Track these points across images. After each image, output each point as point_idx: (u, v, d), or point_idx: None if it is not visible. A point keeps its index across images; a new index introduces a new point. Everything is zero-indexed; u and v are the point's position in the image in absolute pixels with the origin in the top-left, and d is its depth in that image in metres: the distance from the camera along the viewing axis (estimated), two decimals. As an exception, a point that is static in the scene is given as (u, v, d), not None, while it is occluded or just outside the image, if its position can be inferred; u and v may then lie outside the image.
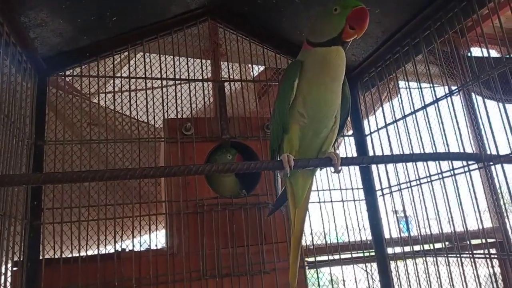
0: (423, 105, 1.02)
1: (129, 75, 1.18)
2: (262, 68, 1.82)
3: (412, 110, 1.06)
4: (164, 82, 1.21)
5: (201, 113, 1.41)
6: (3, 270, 0.83)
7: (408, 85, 1.13)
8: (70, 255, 1.02)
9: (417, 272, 1.14)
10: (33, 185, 0.92)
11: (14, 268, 0.95)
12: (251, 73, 1.84)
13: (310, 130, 0.80)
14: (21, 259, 0.96)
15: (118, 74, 1.40)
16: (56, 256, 1.00)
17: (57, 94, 1.16)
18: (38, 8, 0.91)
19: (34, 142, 1.02)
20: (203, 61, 1.54)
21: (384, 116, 1.18)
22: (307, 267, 1.20)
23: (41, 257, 1.00)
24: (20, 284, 0.94)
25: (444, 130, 0.95)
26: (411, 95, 1.08)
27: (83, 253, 1.01)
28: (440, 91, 1.08)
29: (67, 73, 1.14)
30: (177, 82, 1.24)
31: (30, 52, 1.00)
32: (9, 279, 0.91)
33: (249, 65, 1.72)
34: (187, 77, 1.24)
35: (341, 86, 0.79)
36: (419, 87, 1.07)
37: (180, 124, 1.18)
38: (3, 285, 0.84)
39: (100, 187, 1.17)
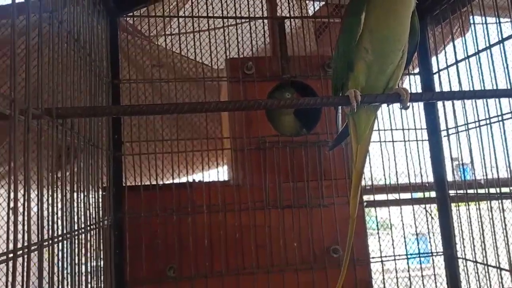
0: (500, 39, 0.95)
1: (192, 14, 1.20)
2: (319, 5, 1.75)
3: (487, 45, 0.99)
4: (225, 22, 1.23)
5: (262, 53, 1.41)
6: (94, 195, 0.96)
7: (485, 18, 1.04)
8: (148, 183, 1.14)
9: (480, 216, 1.11)
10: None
11: (103, 193, 1.09)
12: (308, 11, 1.78)
13: (377, 66, 0.78)
14: (108, 186, 1.09)
15: (178, 15, 1.43)
16: (137, 184, 1.13)
17: (121, 36, 1.23)
18: None
19: (111, 81, 1.11)
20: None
21: (455, 52, 1.12)
22: (365, 204, 1.24)
23: (124, 184, 1.13)
24: (108, 206, 1.08)
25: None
26: (487, 29, 1.00)
27: (159, 182, 1.13)
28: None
29: (135, 14, 1.19)
30: (237, 21, 1.24)
31: (102, -6, 1.05)
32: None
33: (307, 2, 1.66)
34: (247, 16, 1.24)
35: (410, 16, 0.76)
36: (497, 20, 0.98)
37: (241, 64, 1.21)
38: (95, 205, 0.98)
39: (170, 123, 1.26)
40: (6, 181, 1.53)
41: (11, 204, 0.51)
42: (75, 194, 0.77)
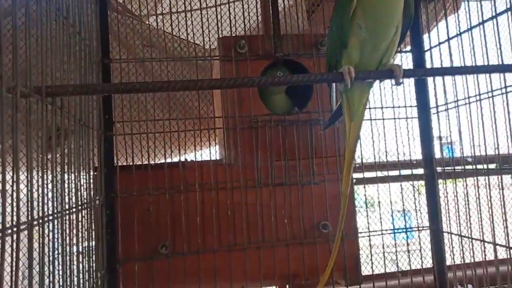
0: (492, 14, 0.95)
1: (183, -9, 1.18)
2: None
3: (480, 21, 0.99)
4: (217, 1, 1.21)
5: (254, 31, 1.40)
6: (86, 175, 0.96)
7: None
8: (140, 163, 1.14)
9: (466, 191, 1.14)
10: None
11: (95, 173, 1.09)
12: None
13: (370, 42, 0.78)
14: (99, 166, 1.09)
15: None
16: (129, 164, 1.12)
17: (110, 16, 1.20)
18: None
19: (101, 60, 1.09)
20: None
21: (447, 29, 1.12)
22: (354, 181, 1.26)
23: (115, 164, 1.13)
24: (100, 186, 1.08)
25: (514, 42, 0.90)
26: (481, 5, 1.00)
27: (151, 162, 1.13)
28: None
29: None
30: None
31: (90, -30, 1.02)
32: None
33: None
34: (239, -7, 1.22)
35: None
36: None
37: (234, 42, 1.19)
38: (86, 185, 0.98)
39: (161, 103, 1.25)
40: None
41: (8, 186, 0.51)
42: (66, 175, 0.77)
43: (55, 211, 0.70)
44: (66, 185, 0.76)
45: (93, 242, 0.98)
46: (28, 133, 0.56)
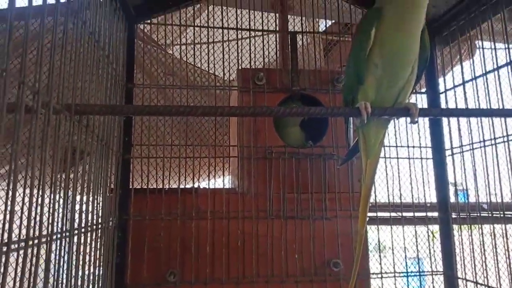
0: (509, 60, 0.97)
1: (207, 24, 1.24)
2: (330, 23, 1.80)
3: (495, 67, 1.02)
4: (239, 35, 1.26)
5: (272, 65, 1.44)
6: (101, 196, 0.97)
7: (494, 42, 1.07)
8: (154, 187, 1.15)
9: (482, 238, 1.11)
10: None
11: (110, 194, 1.10)
12: (319, 27, 1.83)
13: (386, 80, 0.80)
14: (115, 187, 1.10)
15: (194, 24, 1.46)
16: (143, 187, 1.14)
17: (137, 44, 1.27)
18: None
19: (125, 84, 1.13)
20: (271, 14, 1.56)
21: (462, 73, 1.14)
22: (367, 220, 1.24)
23: (130, 187, 1.14)
24: (114, 208, 1.08)
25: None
26: (496, 53, 1.03)
27: (165, 186, 1.14)
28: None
29: (152, 21, 1.23)
30: (251, 33, 1.28)
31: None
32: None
33: (317, 19, 1.70)
34: (261, 29, 1.28)
35: (420, 33, 0.78)
36: (506, 45, 1.01)
37: (253, 74, 1.23)
38: (100, 208, 0.99)
39: (178, 130, 1.28)
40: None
41: (26, 199, 0.52)
42: (83, 194, 0.78)
43: (64, 229, 0.71)
44: (82, 205, 0.77)
45: (102, 264, 0.97)
46: (57, 149, 0.58)
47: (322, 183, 1.21)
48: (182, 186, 1.18)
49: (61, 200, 0.68)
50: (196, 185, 1.16)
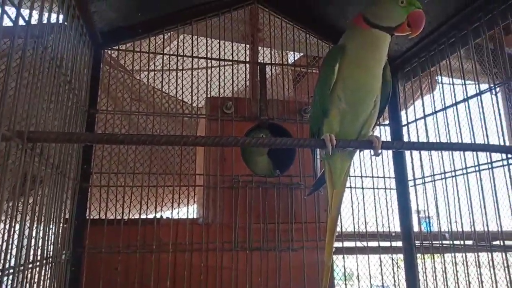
0: (465, 97, 1.02)
1: (177, 53, 1.24)
2: (298, 55, 1.85)
3: (454, 102, 1.07)
4: (209, 64, 1.26)
5: (241, 94, 1.45)
6: (54, 226, 0.91)
7: (452, 78, 1.13)
8: (113, 217, 1.09)
9: (445, 268, 1.13)
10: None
11: (64, 225, 1.03)
12: (288, 59, 1.87)
13: (350, 114, 0.82)
14: (70, 218, 1.03)
15: (163, 52, 1.46)
16: (101, 218, 1.08)
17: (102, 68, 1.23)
18: (101, -18, 0.97)
19: (87, 110, 1.09)
20: (241, 45, 1.59)
21: (423, 107, 1.19)
22: (333, 250, 1.23)
23: (87, 217, 1.08)
24: (68, 240, 1.02)
25: (485, 123, 0.96)
26: (453, 88, 1.08)
27: (125, 217, 1.08)
28: (481, 88, 1.07)
29: (120, 48, 1.21)
30: (220, 63, 1.28)
31: (89, 25, 1.06)
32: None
33: (287, 51, 1.75)
34: (231, 59, 1.28)
35: (382, 69, 0.81)
36: (463, 82, 1.06)
37: (221, 103, 1.23)
38: (53, 239, 0.92)
39: (142, 157, 1.24)
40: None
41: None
42: (34, 224, 0.73)
43: (17, 263, 0.65)
44: (30, 237, 0.72)
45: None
46: (3, 178, 0.54)
47: (289, 213, 1.19)
48: (144, 216, 1.13)
49: (7, 232, 0.63)
50: (159, 215, 1.12)
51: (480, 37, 0.99)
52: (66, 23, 0.89)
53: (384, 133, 1.33)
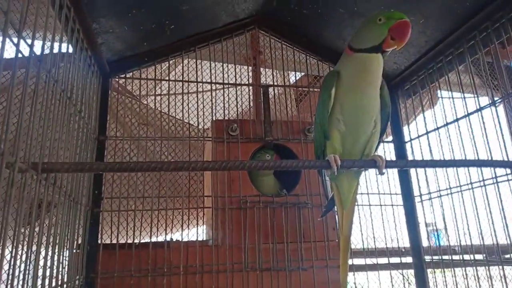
0: (466, 113, 1.04)
1: (182, 78, 1.27)
2: (300, 75, 1.89)
3: (455, 118, 1.08)
4: (213, 86, 1.30)
5: (245, 115, 1.48)
6: (68, 252, 0.93)
7: (452, 94, 1.15)
8: (124, 242, 1.11)
9: (456, 282, 1.12)
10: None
11: (77, 251, 1.05)
12: (289, 80, 1.91)
13: (350, 135, 0.84)
14: (83, 243, 1.05)
15: (169, 78, 1.50)
16: (113, 242, 1.09)
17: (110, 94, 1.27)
18: (109, 16, 1.02)
19: (97, 137, 1.13)
20: (244, 67, 1.63)
21: (425, 123, 1.21)
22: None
23: (99, 242, 1.09)
24: (81, 265, 1.03)
25: (487, 138, 0.97)
26: (454, 104, 1.10)
27: (136, 241, 1.10)
28: (481, 101, 1.09)
29: (127, 75, 1.25)
30: (224, 86, 1.32)
31: (97, 56, 1.10)
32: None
33: (288, 72, 1.79)
34: (234, 82, 1.32)
35: (378, 91, 0.83)
36: (462, 96, 1.08)
37: (226, 125, 1.25)
38: (66, 265, 0.94)
39: (151, 179, 1.26)
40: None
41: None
42: (48, 251, 0.75)
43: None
44: (46, 263, 0.74)
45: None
46: (21, 208, 0.56)
47: (297, 232, 1.20)
48: (154, 239, 1.14)
49: (23, 258, 0.65)
50: (169, 237, 1.13)
51: (476, 54, 1.01)
52: (75, 56, 0.93)
53: (388, 149, 1.35)
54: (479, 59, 1.13)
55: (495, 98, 1.01)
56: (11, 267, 0.57)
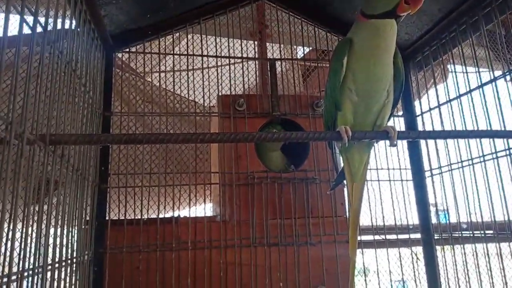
0: (479, 84, 1.01)
1: (187, 52, 1.24)
2: (308, 49, 1.84)
3: (468, 90, 1.05)
4: (219, 62, 1.27)
5: (252, 91, 1.45)
6: (76, 228, 0.93)
7: (465, 66, 1.11)
8: (132, 217, 1.11)
9: (465, 259, 1.11)
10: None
11: (86, 227, 1.05)
12: (297, 54, 1.87)
13: (362, 105, 0.82)
14: (91, 219, 1.05)
15: (173, 53, 1.47)
16: (121, 218, 1.09)
17: (115, 71, 1.25)
18: (111, -14, 0.99)
19: (102, 113, 1.11)
20: (250, 42, 1.59)
21: (437, 96, 1.18)
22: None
23: (107, 218, 1.09)
24: (89, 241, 1.04)
25: (501, 109, 0.94)
26: (467, 76, 1.07)
27: (144, 216, 1.10)
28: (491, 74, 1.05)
29: (130, 49, 1.22)
30: (230, 60, 1.29)
31: (100, 28, 1.07)
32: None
33: (295, 46, 1.74)
34: (241, 56, 1.29)
35: (391, 58, 0.80)
36: (476, 69, 1.05)
37: (233, 100, 1.23)
38: (75, 241, 0.94)
39: (157, 157, 1.25)
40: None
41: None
42: (57, 226, 0.75)
43: (37, 264, 0.67)
44: (56, 238, 0.73)
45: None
46: (30, 180, 0.55)
47: (305, 208, 1.20)
48: (161, 216, 1.14)
49: (33, 234, 0.64)
50: (176, 214, 1.13)
51: (492, 22, 0.97)
52: (78, 28, 0.90)
53: (398, 124, 1.32)
54: (492, 31, 1.09)
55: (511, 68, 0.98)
56: (22, 242, 0.57)
